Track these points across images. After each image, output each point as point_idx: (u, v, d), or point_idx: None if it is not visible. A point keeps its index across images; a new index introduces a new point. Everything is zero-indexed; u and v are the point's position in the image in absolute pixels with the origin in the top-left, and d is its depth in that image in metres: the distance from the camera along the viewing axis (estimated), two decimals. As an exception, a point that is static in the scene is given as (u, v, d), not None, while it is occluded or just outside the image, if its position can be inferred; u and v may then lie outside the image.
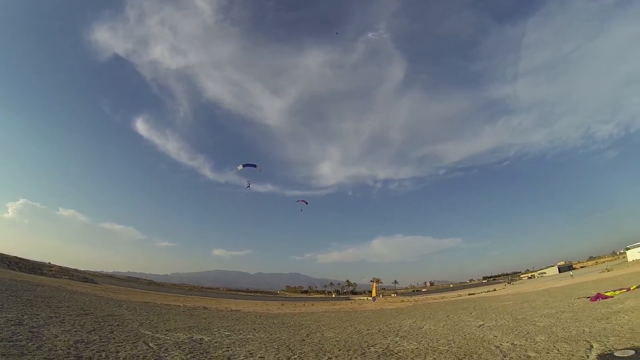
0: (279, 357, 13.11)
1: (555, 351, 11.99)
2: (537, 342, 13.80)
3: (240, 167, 47.68)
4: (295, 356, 13.32)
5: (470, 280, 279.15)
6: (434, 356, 12.85)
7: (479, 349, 13.54)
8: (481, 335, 16.46)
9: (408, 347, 14.84)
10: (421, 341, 16.25)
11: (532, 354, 11.88)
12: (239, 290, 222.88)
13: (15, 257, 79.14)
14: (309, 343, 16.39)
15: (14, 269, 58.39)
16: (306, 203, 50.29)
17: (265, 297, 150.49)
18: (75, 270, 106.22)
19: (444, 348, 14.24)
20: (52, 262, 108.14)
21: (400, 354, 13.60)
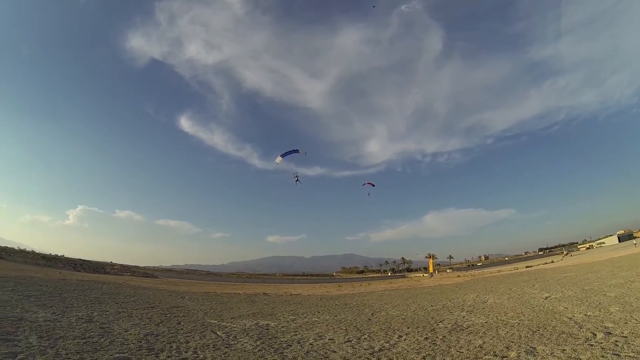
0: (348, 337, 13.04)
1: (634, 321, 11.41)
2: (611, 312, 13.20)
3: (278, 159, 42.15)
4: (365, 336, 13.21)
5: (526, 253, 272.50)
6: (506, 330, 12.50)
7: (552, 320, 13.07)
8: (550, 307, 15.93)
9: (477, 322, 14.54)
10: (489, 315, 15.92)
11: (609, 325, 11.34)
12: (295, 275, 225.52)
13: (80, 259, 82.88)
14: (376, 322, 16.27)
15: (80, 271, 61.02)
16: (373, 185, 46.58)
17: (321, 279, 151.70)
18: (136, 267, 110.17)
19: (515, 321, 13.84)
20: (113, 261, 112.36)
21: (470, 328, 13.33)
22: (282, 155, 42.01)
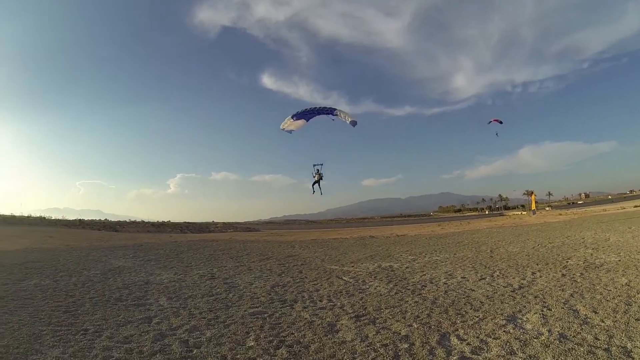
0: (480, 275, 12.48)
1: None
2: None
3: (288, 123, 21.78)
4: (496, 273, 12.67)
5: (631, 191, 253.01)
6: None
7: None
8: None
9: (610, 260, 13.61)
10: (619, 253, 14.91)
11: None
12: (393, 217, 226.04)
13: (185, 222, 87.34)
14: (499, 259, 15.63)
15: (186, 232, 64.22)
16: (501, 122, 39.92)
17: (420, 219, 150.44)
18: (237, 223, 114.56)
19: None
20: (215, 220, 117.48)
21: (605, 266, 12.51)
22: (297, 117, 22.58)
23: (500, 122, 40.00)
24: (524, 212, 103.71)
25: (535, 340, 6.26)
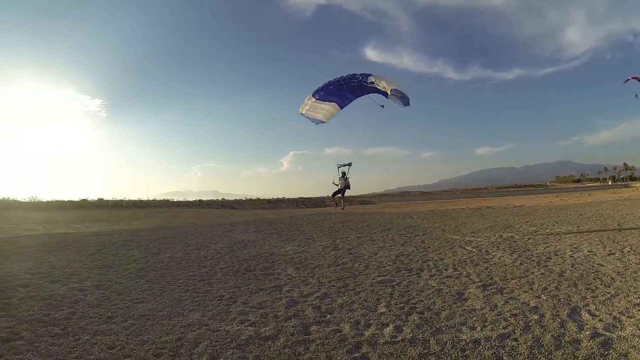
0: (609, 249, 11.55)
1: None
2: None
3: (307, 107, 17.49)
4: (627, 248, 11.58)
5: None
6: None
7: None
8: None
9: None
10: None
11: None
12: (507, 187, 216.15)
13: (299, 197, 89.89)
14: (629, 234, 14.21)
15: (302, 207, 66.11)
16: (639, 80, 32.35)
17: (535, 190, 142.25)
18: (352, 197, 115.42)
19: None
20: (329, 195, 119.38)
21: None
22: (321, 96, 16.63)
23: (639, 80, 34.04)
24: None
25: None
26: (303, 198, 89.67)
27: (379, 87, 13.24)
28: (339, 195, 15.23)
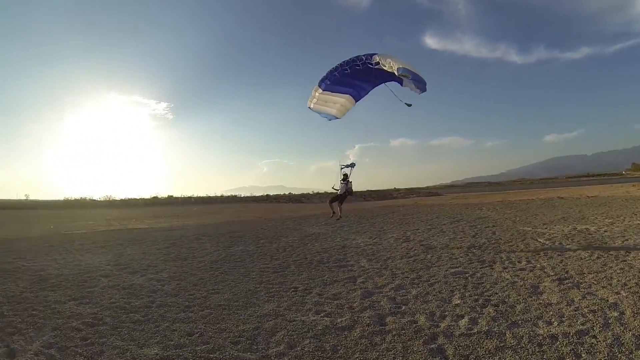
0: None
1: None
2: None
3: (315, 103, 12.81)
4: None
5: None
6: None
7: None
8: None
9: None
10: None
11: None
12: (578, 176, 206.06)
13: (367, 190, 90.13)
14: None
15: (369, 200, 66.48)
16: None
17: (610, 179, 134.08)
18: (418, 189, 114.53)
19: None
20: (396, 187, 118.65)
21: None
22: (327, 85, 12.16)
23: None
24: None
25: None
26: (370, 191, 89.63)
27: (385, 68, 10.34)
28: (337, 202, 12.91)
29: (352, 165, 13.61)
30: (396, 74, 10.08)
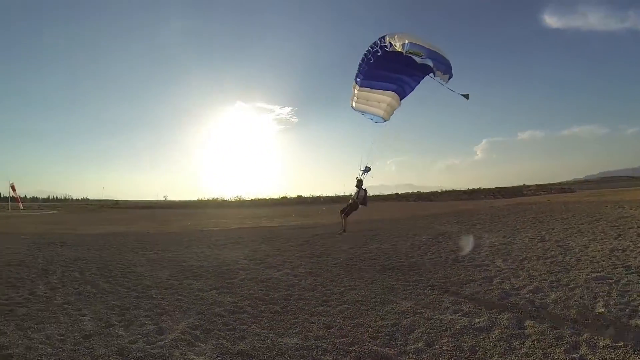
0: None
1: None
2: None
3: (358, 96, 10.71)
4: None
5: None
6: None
7: None
8: None
9: None
10: None
11: None
12: None
13: (496, 187, 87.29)
14: None
15: (499, 198, 64.34)
16: None
17: None
18: (549, 185, 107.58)
19: None
20: (526, 183, 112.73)
21: None
22: (359, 81, 10.48)
23: None
24: None
25: None
26: (499, 187, 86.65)
27: (396, 48, 8.05)
28: (346, 213, 10.42)
29: (367, 169, 11.28)
30: (402, 51, 7.97)
